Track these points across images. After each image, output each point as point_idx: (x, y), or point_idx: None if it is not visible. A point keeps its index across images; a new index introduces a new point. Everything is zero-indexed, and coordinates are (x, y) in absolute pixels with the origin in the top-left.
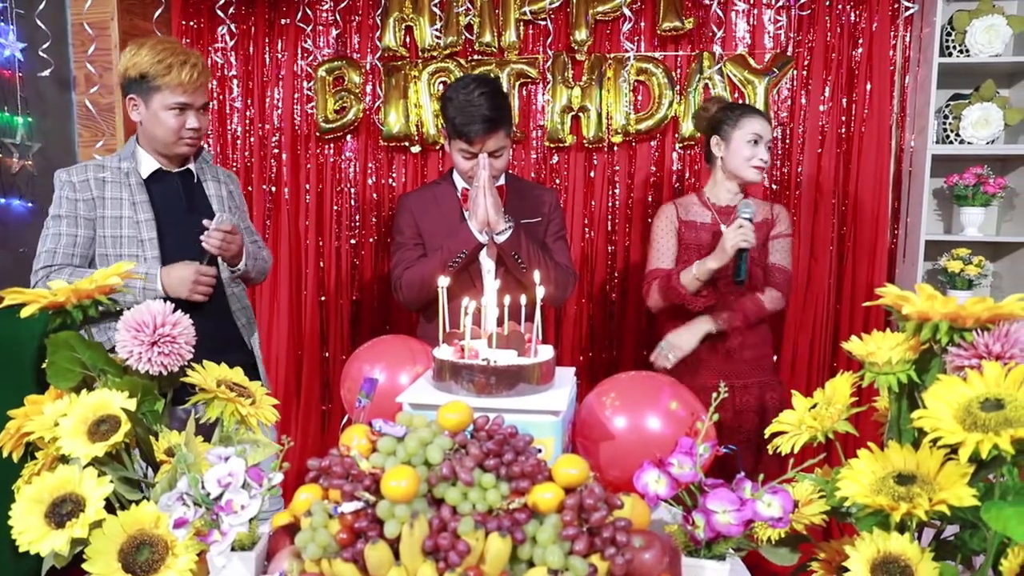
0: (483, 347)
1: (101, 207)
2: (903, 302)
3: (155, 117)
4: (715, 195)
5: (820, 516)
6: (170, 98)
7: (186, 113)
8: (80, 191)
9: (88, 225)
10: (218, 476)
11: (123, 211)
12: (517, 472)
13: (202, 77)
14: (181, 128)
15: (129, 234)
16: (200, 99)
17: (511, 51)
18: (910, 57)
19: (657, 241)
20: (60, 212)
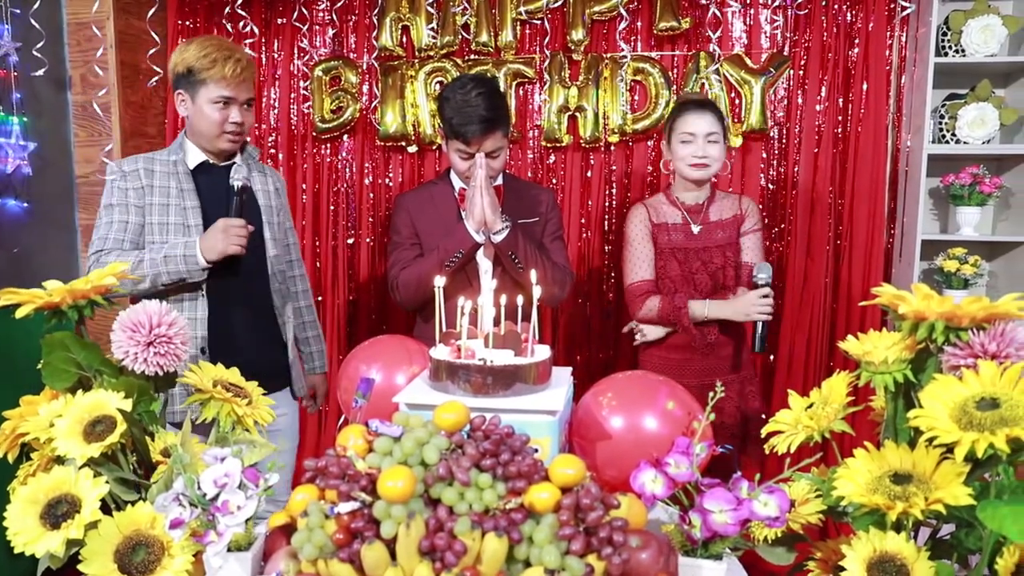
0: (480, 347)
1: (150, 195)
2: (899, 301)
3: (200, 111)
4: (681, 194)
5: (817, 515)
6: (214, 92)
7: (229, 107)
8: (131, 180)
9: (138, 212)
10: (214, 477)
11: (170, 199)
12: (514, 472)
13: (245, 72)
14: (224, 122)
15: (176, 221)
16: (243, 94)
17: (508, 51)
18: (906, 57)
19: (634, 249)
20: (112, 201)
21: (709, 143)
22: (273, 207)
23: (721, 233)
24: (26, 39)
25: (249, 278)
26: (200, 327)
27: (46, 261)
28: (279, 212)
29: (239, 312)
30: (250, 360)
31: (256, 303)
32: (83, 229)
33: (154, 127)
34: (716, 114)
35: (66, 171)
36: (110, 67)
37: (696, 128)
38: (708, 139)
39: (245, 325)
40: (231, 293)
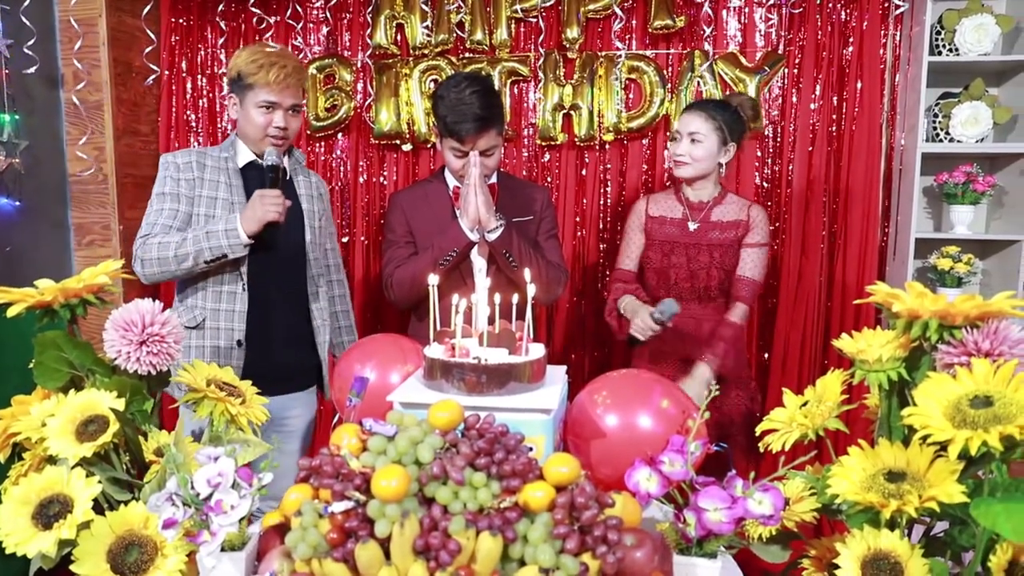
0: (474, 345)
1: (200, 187)
2: (893, 300)
3: (246, 115)
4: (684, 191)
5: (811, 513)
6: (259, 96)
7: (273, 112)
8: (183, 171)
9: (188, 203)
10: (208, 476)
11: (219, 192)
12: (508, 471)
13: (291, 79)
14: (267, 126)
15: (222, 215)
16: (288, 99)
17: (502, 49)
18: (900, 56)
19: (625, 238)
20: (164, 190)
21: (692, 142)
22: (315, 211)
23: (716, 234)
24: (17, 36)
25: (289, 276)
26: (239, 320)
27: (38, 260)
28: (321, 217)
29: (277, 309)
30: (282, 356)
31: (293, 302)
32: (75, 227)
33: (147, 125)
34: (711, 114)
35: (58, 169)
36: (102, 65)
37: (682, 127)
38: (691, 138)
39: (281, 322)
40: (271, 290)
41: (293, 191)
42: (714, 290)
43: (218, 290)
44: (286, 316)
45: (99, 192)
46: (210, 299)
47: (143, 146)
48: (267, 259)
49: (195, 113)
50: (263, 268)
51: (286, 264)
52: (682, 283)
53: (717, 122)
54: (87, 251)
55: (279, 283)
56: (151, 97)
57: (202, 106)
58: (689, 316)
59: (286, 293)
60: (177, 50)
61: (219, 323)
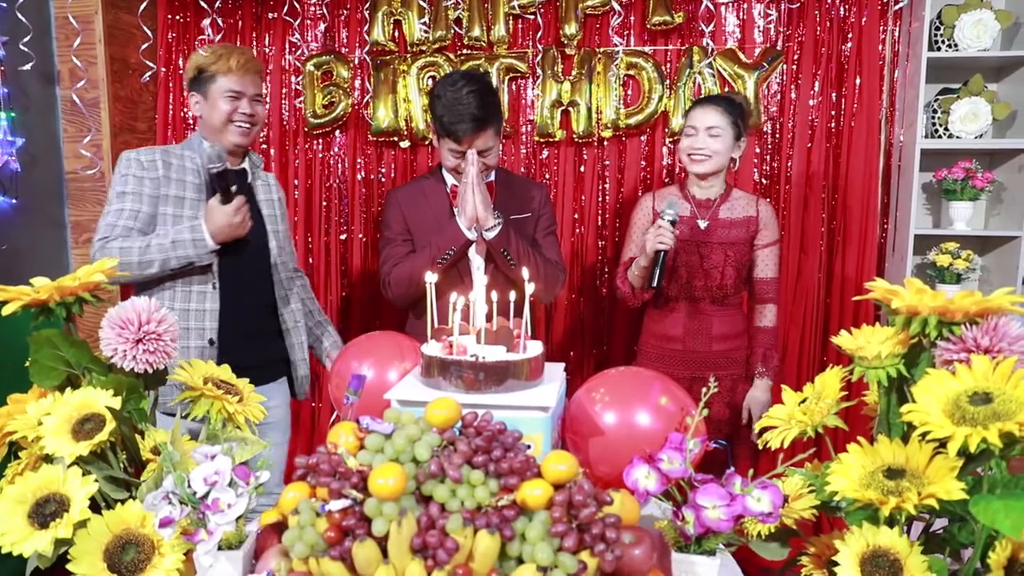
0: (472, 343)
1: (166, 186)
2: (892, 296)
3: (211, 105)
4: (692, 189)
5: (810, 511)
6: (224, 85)
7: (239, 100)
8: (148, 169)
9: (151, 203)
10: (204, 474)
11: (186, 192)
12: (506, 469)
13: (250, 64)
14: (233, 112)
15: (190, 215)
16: (251, 88)
17: (500, 45)
18: (899, 52)
19: (630, 235)
20: (125, 189)
21: (710, 136)
22: (277, 216)
23: (726, 232)
24: (13, 33)
25: (257, 276)
26: (211, 319)
27: (35, 258)
28: (281, 220)
29: (247, 307)
30: (255, 352)
31: (262, 300)
32: (72, 225)
33: (144, 122)
34: (726, 108)
35: (55, 167)
36: (99, 62)
37: (698, 122)
38: (709, 132)
39: (253, 320)
40: (240, 288)
41: (252, 196)
42: (729, 289)
43: (187, 290)
44: (257, 314)
45: (96, 190)
46: (179, 299)
47: (140, 143)
48: (235, 259)
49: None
50: (232, 267)
51: (253, 264)
52: (695, 282)
53: (732, 116)
54: (84, 249)
55: (248, 282)
56: (148, 94)
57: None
58: (701, 313)
59: (255, 292)
60: (174, 47)
61: (189, 323)
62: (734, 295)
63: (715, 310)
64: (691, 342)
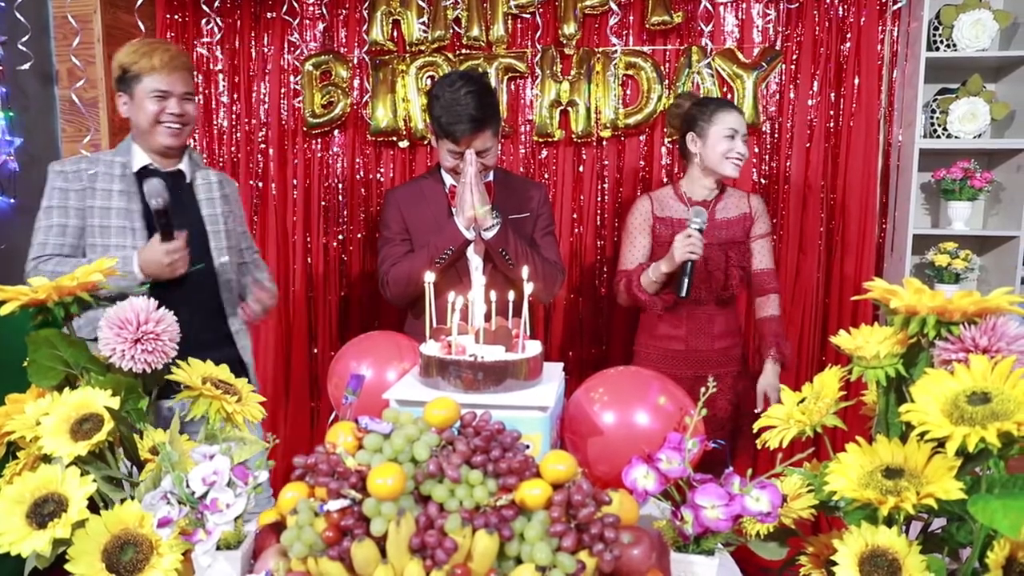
0: (470, 343)
1: (91, 197)
2: (891, 296)
3: (138, 106)
4: (691, 190)
5: (809, 510)
6: (149, 84)
7: (167, 100)
8: (71, 181)
9: (79, 215)
10: (203, 474)
11: (112, 202)
12: (504, 468)
13: (177, 61)
14: (161, 112)
15: (118, 224)
16: (180, 87)
17: (499, 45)
18: (898, 52)
19: (630, 238)
20: (52, 203)
21: (743, 142)
22: (218, 214)
23: (725, 232)
24: (12, 33)
25: (196, 288)
26: None
27: None
28: (228, 218)
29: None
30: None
31: (206, 305)
32: None
33: None
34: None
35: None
36: (97, 61)
37: (737, 125)
38: (743, 138)
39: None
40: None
41: (192, 195)
42: (733, 289)
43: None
44: (201, 320)
45: None
46: None
47: None
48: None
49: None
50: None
51: (192, 276)
52: (700, 284)
53: None
54: None
55: (188, 288)
56: None
57: (198, 103)
58: (704, 312)
59: (197, 297)
60: None
61: None
62: (736, 295)
63: (717, 309)
64: (694, 342)
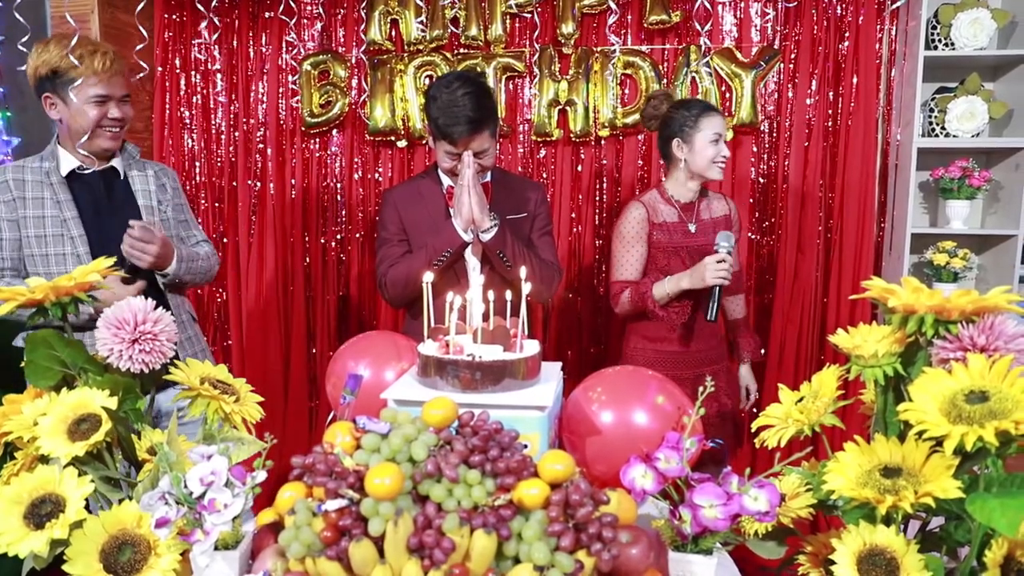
0: (468, 343)
1: (23, 207)
2: (889, 295)
3: (75, 112)
4: (677, 192)
5: (807, 509)
6: (91, 90)
7: (107, 104)
8: (1, 192)
9: (13, 227)
10: (201, 475)
11: (46, 210)
12: (502, 468)
13: (116, 65)
14: (102, 118)
15: (54, 232)
16: (119, 90)
17: (497, 45)
18: (896, 50)
19: (625, 248)
20: None
21: (725, 143)
22: (155, 206)
23: (714, 230)
24: (10, 33)
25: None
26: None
27: None
28: (166, 207)
29: None
30: None
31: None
32: None
33: (141, 122)
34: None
35: None
36: None
37: (721, 129)
38: (724, 139)
39: None
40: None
41: (128, 190)
42: (731, 288)
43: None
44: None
45: None
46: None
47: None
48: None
49: (189, 110)
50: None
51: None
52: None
53: None
54: None
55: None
56: (144, 94)
57: (196, 103)
58: (699, 315)
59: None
60: (170, 46)
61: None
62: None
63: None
64: (688, 343)
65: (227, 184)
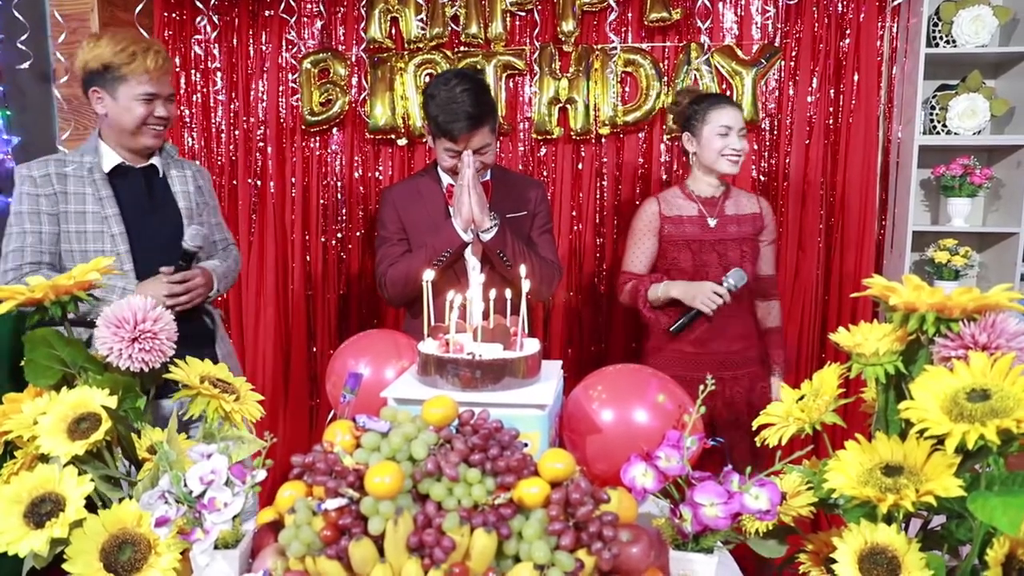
0: (468, 341)
1: (64, 202)
2: (890, 293)
3: (122, 108)
4: (697, 188)
5: (808, 508)
6: (137, 88)
7: (154, 103)
8: (41, 186)
9: (52, 221)
10: (200, 473)
11: (87, 206)
12: (503, 467)
13: (166, 65)
14: (148, 116)
15: (95, 229)
16: (166, 89)
17: (497, 43)
18: (897, 48)
19: (635, 240)
20: (22, 208)
21: (740, 136)
22: (193, 207)
23: (736, 228)
24: (9, 32)
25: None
26: None
27: None
28: (202, 211)
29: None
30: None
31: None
32: None
33: None
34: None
35: None
36: None
37: (731, 121)
38: (739, 133)
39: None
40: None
41: (167, 190)
42: (750, 284)
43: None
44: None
45: None
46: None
47: None
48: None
49: (189, 108)
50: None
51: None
52: (715, 281)
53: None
54: None
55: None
56: None
57: (196, 101)
58: (720, 314)
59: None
60: (170, 45)
61: None
62: (749, 292)
63: (732, 310)
64: (711, 344)
65: (227, 183)
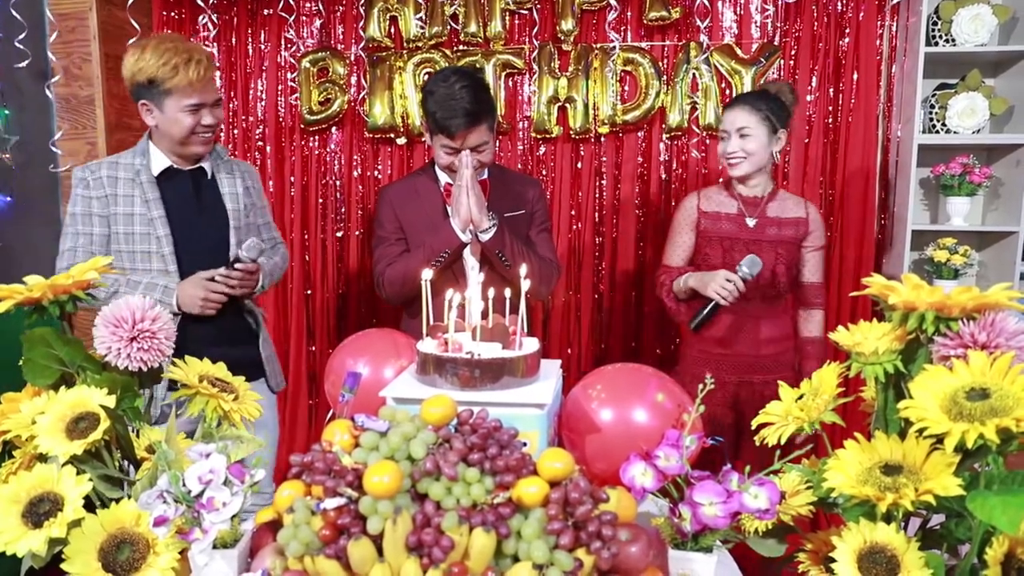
0: (467, 340)
1: (114, 204)
2: (889, 292)
3: (170, 121)
4: (737, 187)
5: (807, 507)
6: (183, 100)
7: (200, 112)
8: (94, 188)
9: (103, 222)
10: (199, 473)
11: (135, 208)
12: (501, 466)
13: (209, 72)
14: (196, 126)
15: (142, 231)
16: (211, 95)
17: (496, 41)
18: (896, 47)
19: (673, 235)
20: (76, 210)
21: (741, 138)
22: (241, 209)
23: (776, 230)
24: (8, 31)
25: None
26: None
27: (29, 256)
28: (249, 212)
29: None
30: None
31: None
32: None
33: (138, 119)
34: (754, 105)
35: (49, 164)
36: (93, 59)
37: (728, 125)
38: (740, 133)
39: (217, 321)
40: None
41: (216, 191)
42: (782, 287)
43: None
44: (217, 319)
45: None
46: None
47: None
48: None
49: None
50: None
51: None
52: (747, 280)
53: (763, 112)
54: None
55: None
56: None
57: None
58: (749, 315)
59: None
60: None
61: None
62: (784, 295)
63: (763, 311)
64: (738, 345)
65: None
